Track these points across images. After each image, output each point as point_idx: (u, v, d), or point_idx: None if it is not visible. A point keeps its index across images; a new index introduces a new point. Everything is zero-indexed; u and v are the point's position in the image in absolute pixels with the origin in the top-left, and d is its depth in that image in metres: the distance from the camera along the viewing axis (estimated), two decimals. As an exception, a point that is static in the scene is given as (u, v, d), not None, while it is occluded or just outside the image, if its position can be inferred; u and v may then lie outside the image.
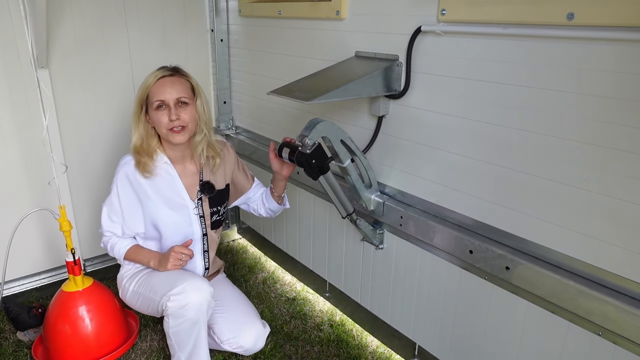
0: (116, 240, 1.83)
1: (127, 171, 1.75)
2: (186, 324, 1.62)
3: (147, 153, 1.74)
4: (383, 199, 1.74)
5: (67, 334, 1.84)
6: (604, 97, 1.11)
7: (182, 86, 1.70)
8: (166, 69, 1.72)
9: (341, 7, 1.73)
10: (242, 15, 2.35)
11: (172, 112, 1.66)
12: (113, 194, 1.79)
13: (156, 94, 1.67)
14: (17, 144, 2.11)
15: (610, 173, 1.14)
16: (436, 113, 1.51)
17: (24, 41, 1.94)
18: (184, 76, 1.73)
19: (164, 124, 1.67)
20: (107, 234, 1.83)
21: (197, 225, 1.85)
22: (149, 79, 1.70)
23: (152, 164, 1.75)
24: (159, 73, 1.70)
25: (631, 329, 1.14)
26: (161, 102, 1.67)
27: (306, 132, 1.47)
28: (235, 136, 2.60)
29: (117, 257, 1.85)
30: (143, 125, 1.73)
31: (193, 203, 1.83)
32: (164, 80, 1.68)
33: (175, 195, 1.79)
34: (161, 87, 1.67)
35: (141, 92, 1.71)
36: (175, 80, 1.70)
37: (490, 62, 1.32)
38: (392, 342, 1.96)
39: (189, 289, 1.61)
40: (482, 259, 1.43)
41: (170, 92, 1.67)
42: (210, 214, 1.88)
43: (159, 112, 1.67)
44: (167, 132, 1.69)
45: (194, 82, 1.75)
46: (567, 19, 1.13)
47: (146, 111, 1.72)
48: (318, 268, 2.24)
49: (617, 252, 1.16)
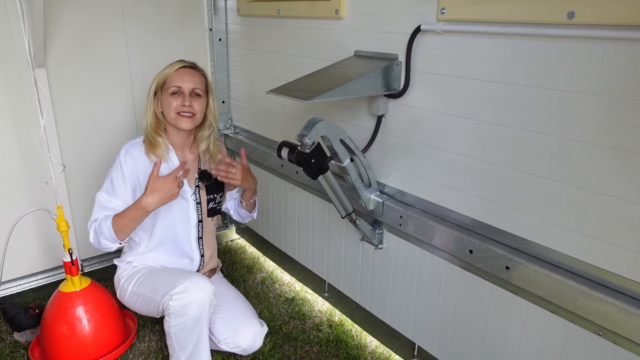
0: (98, 223, 1.71)
1: (132, 151, 1.78)
2: (188, 322, 1.62)
3: (159, 134, 1.80)
4: (382, 198, 1.73)
5: (64, 335, 1.83)
6: (605, 96, 1.11)
7: (199, 79, 1.80)
8: (185, 61, 1.82)
9: (340, 6, 1.73)
10: (240, 15, 2.34)
11: (186, 98, 1.75)
12: (116, 172, 1.75)
13: (174, 80, 1.75)
14: (14, 144, 2.10)
15: (611, 173, 1.13)
16: (436, 112, 1.50)
17: (21, 40, 1.93)
18: (201, 71, 1.83)
19: (174, 107, 1.75)
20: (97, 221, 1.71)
21: (193, 212, 1.88)
22: (167, 68, 1.78)
23: (164, 148, 1.79)
24: (178, 63, 1.79)
25: (631, 329, 1.13)
26: (177, 88, 1.75)
27: (305, 131, 1.46)
28: (234, 136, 2.60)
29: (108, 235, 1.68)
30: (153, 109, 1.80)
31: (191, 189, 1.86)
32: (184, 70, 1.78)
33: None
34: (180, 74, 1.76)
35: (159, 78, 1.78)
36: (194, 73, 1.80)
37: (490, 61, 1.32)
38: (392, 342, 1.96)
39: (192, 287, 1.61)
40: (482, 258, 1.43)
41: (188, 82, 1.76)
42: (207, 201, 1.92)
43: (173, 97, 1.75)
44: (176, 115, 1.76)
45: (208, 80, 1.86)
46: (568, 17, 1.12)
47: (159, 96, 1.79)
48: (317, 268, 2.24)
49: (618, 252, 1.16)
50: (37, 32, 1.88)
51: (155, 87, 1.79)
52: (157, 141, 1.79)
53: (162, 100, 1.78)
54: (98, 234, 1.70)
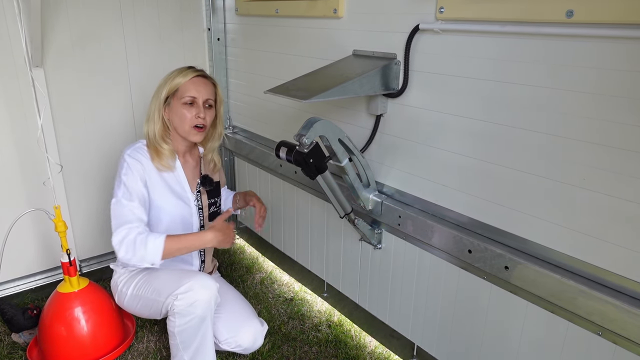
0: (143, 230, 1.61)
1: (137, 156, 1.74)
2: (194, 321, 1.62)
3: (165, 141, 1.78)
4: (381, 198, 1.73)
5: (62, 336, 1.83)
6: (604, 95, 1.10)
7: (211, 89, 1.79)
8: (196, 69, 1.79)
9: (338, 6, 1.72)
10: (238, 14, 2.34)
11: (201, 110, 1.74)
12: (124, 175, 1.68)
13: (189, 90, 1.73)
14: (11, 144, 2.09)
15: (610, 172, 1.13)
16: (434, 112, 1.50)
17: (18, 40, 1.92)
18: (212, 80, 1.81)
19: (189, 120, 1.73)
20: (124, 228, 1.59)
21: (196, 217, 1.89)
22: (179, 74, 1.74)
23: (170, 156, 1.78)
24: (191, 72, 1.75)
25: (631, 329, 1.13)
26: (192, 98, 1.73)
27: (303, 131, 1.45)
28: (233, 136, 2.59)
29: (152, 251, 1.57)
30: (162, 116, 1.77)
31: (193, 195, 1.87)
32: (199, 79, 1.76)
33: (179, 187, 1.83)
34: (196, 84, 1.74)
35: (171, 85, 1.74)
36: (207, 82, 1.78)
37: (488, 60, 1.31)
38: (391, 343, 1.95)
39: (196, 286, 1.61)
40: (481, 258, 1.43)
41: (203, 92, 1.75)
42: (208, 206, 1.93)
43: (187, 107, 1.73)
44: (190, 128, 1.74)
45: (218, 89, 1.84)
46: (567, 16, 1.12)
47: (169, 105, 1.77)
48: (316, 268, 2.23)
49: (617, 251, 1.15)
50: (34, 32, 1.87)
51: (167, 94, 1.75)
52: (163, 149, 1.77)
53: (174, 109, 1.74)
54: (137, 249, 1.56)
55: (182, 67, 1.78)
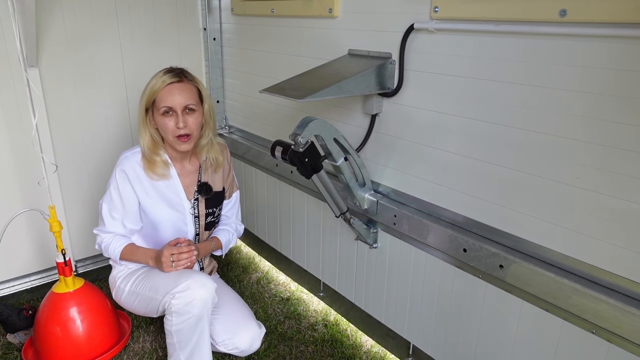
0: (110, 240, 1.81)
1: (126, 167, 1.74)
2: (191, 320, 1.62)
3: (157, 153, 1.75)
4: (377, 197, 1.73)
5: (57, 336, 1.82)
6: (598, 94, 1.11)
7: (189, 93, 1.68)
8: (173, 73, 1.68)
9: (334, 5, 1.72)
10: (234, 14, 2.34)
11: (180, 119, 1.65)
12: (112, 188, 1.76)
13: (163, 100, 1.65)
14: (6, 143, 2.09)
15: (604, 171, 1.13)
16: (429, 111, 1.50)
17: (13, 39, 1.92)
18: (191, 81, 1.71)
19: (170, 130, 1.68)
20: (102, 235, 1.81)
21: (191, 225, 1.86)
22: (156, 82, 1.67)
23: (163, 167, 1.75)
24: (167, 78, 1.66)
25: (625, 327, 1.13)
26: (168, 108, 1.66)
27: (299, 130, 1.45)
28: (229, 135, 2.59)
29: (112, 256, 1.82)
30: (149, 127, 1.73)
31: (189, 203, 1.84)
32: (173, 87, 1.65)
33: (174, 195, 1.80)
34: (169, 93, 1.65)
35: (148, 96, 1.68)
36: (184, 87, 1.67)
37: (483, 59, 1.32)
38: (387, 342, 1.95)
39: (194, 285, 1.61)
40: (476, 257, 1.43)
41: (179, 99, 1.65)
42: (205, 215, 1.89)
43: (166, 117, 1.67)
44: (174, 139, 1.69)
45: (201, 87, 1.74)
46: (560, 15, 1.12)
47: (152, 114, 1.72)
48: (312, 268, 2.23)
49: (611, 250, 1.16)
50: (29, 32, 1.86)
51: (146, 105, 1.70)
52: (155, 160, 1.74)
53: (156, 119, 1.70)
54: (104, 249, 1.83)
55: (159, 72, 1.69)
